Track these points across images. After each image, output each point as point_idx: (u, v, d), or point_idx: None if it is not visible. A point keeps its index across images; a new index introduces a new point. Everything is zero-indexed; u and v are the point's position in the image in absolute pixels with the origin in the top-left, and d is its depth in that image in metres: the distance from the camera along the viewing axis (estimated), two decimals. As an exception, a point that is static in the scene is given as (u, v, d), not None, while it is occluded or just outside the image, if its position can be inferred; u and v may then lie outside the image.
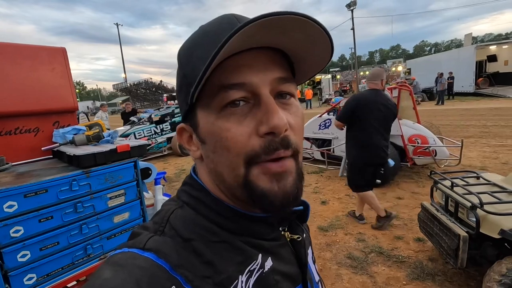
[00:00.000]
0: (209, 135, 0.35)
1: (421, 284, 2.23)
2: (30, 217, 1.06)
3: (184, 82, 0.36)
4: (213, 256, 0.34)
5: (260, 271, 0.36)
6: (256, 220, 0.38)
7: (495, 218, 1.72)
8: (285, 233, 0.42)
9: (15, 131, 1.37)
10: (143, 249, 0.32)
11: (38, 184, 1.05)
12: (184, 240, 0.34)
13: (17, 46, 1.41)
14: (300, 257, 0.43)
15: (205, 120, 0.35)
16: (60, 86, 1.50)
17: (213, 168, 0.37)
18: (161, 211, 0.39)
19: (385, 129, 3.04)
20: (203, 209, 0.37)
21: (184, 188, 0.42)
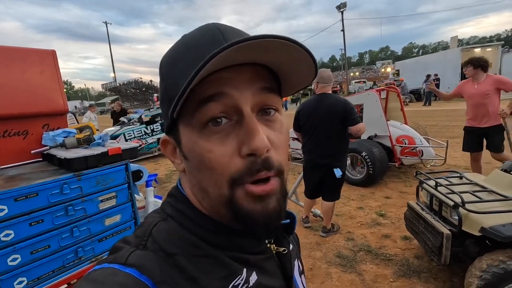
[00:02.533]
0: (191, 153, 0.34)
1: (407, 281, 2.30)
2: (21, 220, 1.05)
3: (166, 95, 0.36)
4: (196, 272, 0.33)
5: (244, 286, 0.35)
6: (241, 234, 0.37)
7: (476, 217, 1.80)
8: (271, 245, 0.41)
9: (3, 134, 1.35)
10: (124, 264, 0.31)
11: (28, 188, 1.05)
12: (167, 255, 0.33)
13: (5, 48, 1.40)
14: (285, 270, 0.42)
15: (187, 138, 0.34)
16: (50, 89, 1.49)
17: (197, 183, 0.36)
18: (144, 223, 0.38)
19: (323, 134, 2.80)
20: (187, 223, 0.36)
21: (168, 200, 0.40)
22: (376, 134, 4.66)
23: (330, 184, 2.89)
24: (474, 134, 3.71)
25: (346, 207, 3.84)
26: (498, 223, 1.70)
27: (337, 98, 2.80)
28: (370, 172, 4.26)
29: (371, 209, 3.70)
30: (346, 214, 3.64)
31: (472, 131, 3.73)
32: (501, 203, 1.84)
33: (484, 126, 3.59)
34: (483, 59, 3.62)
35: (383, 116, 4.54)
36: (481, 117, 3.58)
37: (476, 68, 3.56)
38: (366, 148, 4.29)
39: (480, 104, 3.55)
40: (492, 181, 2.12)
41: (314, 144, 2.88)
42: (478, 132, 3.67)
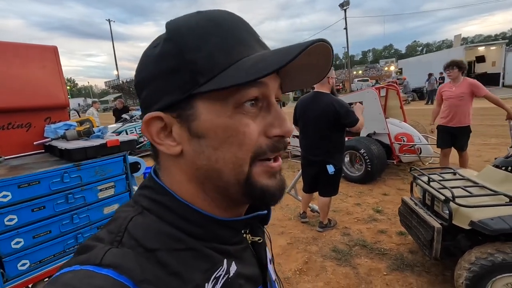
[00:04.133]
0: (216, 130, 0.33)
1: (400, 275, 2.35)
2: (24, 206, 1.12)
3: (189, 67, 0.33)
4: (179, 266, 0.32)
5: (225, 277, 0.36)
6: (223, 224, 0.37)
7: (466, 211, 1.84)
8: (247, 235, 0.42)
9: (7, 126, 1.42)
10: (99, 265, 0.28)
11: (31, 176, 1.11)
12: (147, 251, 0.31)
13: (9, 44, 1.46)
14: (260, 258, 0.43)
15: (214, 114, 0.33)
16: (51, 83, 1.55)
17: (207, 165, 0.35)
18: (116, 218, 0.35)
19: (315, 133, 2.85)
20: (167, 215, 0.35)
21: (143, 192, 0.38)
22: (375, 132, 4.69)
23: (324, 180, 2.95)
24: (446, 132, 3.96)
25: (344, 203, 3.88)
26: (487, 216, 1.73)
27: (332, 98, 2.80)
28: (368, 169, 4.30)
29: (368, 206, 3.74)
30: (344, 210, 3.68)
31: (444, 130, 3.97)
32: (490, 198, 1.88)
33: (455, 126, 3.84)
34: (464, 63, 3.86)
35: (382, 114, 4.57)
36: (453, 117, 3.83)
37: (460, 70, 3.78)
38: (364, 145, 4.32)
39: (455, 105, 3.80)
40: (484, 177, 2.15)
41: (308, 141, 2.94)
42: (450, 131, 3.92)
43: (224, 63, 0.32)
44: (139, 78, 0.37)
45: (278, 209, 3.84)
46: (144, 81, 0.36)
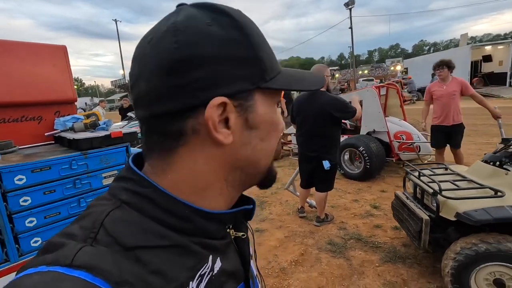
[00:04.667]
0: (266, 122, 0.37)
1: (392, 266, 2.43)
2: (36, 189, 1.24)
3: (257, 62, 0.34)
4: (162, 264, 0.30)
5: (210, 274, 0.34)
6: (212, 217, 0.36)
7: (453, 203, 1.91)
8: (230, 230, 0.41)
9: (21, 119, 1.56)
10: (70, 266, 0.25)
11: (43, 162, 1.24)
12: (126, 249, 0.28)
13: (23, 44, 1.59)
14: (244, 254, 0.43)
15: (267, 109, 0.37)
16: (61, 80, 1.69)
17: (250, 155, 0.37)
18: (90, 213, 0.32)
19: (312, 130, 2.95)
20: (150, 209, 0.32)
21: (122, 185, 0.34)
22: (375, 130, 4.75)
23: (320, 175, 3.05)
24: (440, 132, 3.99)
25: (342, 200, 3.96)
26: (471, 208, 1.81)
27: (329, 96, 2.90)
28: (367, 166, 4.36)
29: (366, 202, 3.81)
30: (341, 206, 3.77)
31: (438, 129, 4.00)
32: (476, 191, 1.95)
33: (449, 124, 3.88)
34: (452, 62, 3.91)
35: (381, 112, 4.63)
36: (447, 116, 3.88)
37: (449, 70, 3.85)
38: (364, 143, 4.39)
39: (446, 103, 3.86)
40: (473, 171, 2.22)
41: (305, 138, 3.05)
42: (444, 130, 3.95)
43: (276, 69, 0.37)
44: (198, 52, 0.31)
45: (277, 204, 3.94)
46: (205, 58, 0.31)
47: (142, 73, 0.33)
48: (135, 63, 0.35)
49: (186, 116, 0.32)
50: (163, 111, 0.32)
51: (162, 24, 0.34)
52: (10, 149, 1.38)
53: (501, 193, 1.81)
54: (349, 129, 5.58)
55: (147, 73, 0.33)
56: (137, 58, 0.35)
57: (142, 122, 0.36)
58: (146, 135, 0.36)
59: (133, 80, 0.35)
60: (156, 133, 0.34)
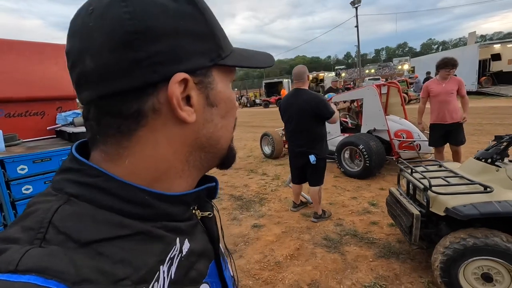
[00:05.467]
0: (225, 99, 0.37)
1: (386, 261, 2.47)
2: (37, 179, 1.33)
3: (214, 39, 0.35)
4: (126, 254, 0.28)
5: (179, 256, 0.34)
6: (173, 200, 0.34)
7: (442, 198, 1.95)
8: (196, 211, 0.41)
9: (25, 114, 1.66)
10: (15, 271, 0.22)
11: (44, 153, 1.33)
12: (82, 245, 0.26)
13: (28, 43, 1.69)
14: (212, 233, 0.43)
15: (223, 86, 0.37)
16: (63, 77, 1.78)
17: (211, 133, 0.37)
18: (33, 212, 0.28)
19: (298, 126, 3.10)
20: (104, 199, 0.29)
21: (67, 177, 0.31)
22: (375, 128, 4.77)
23: (310, 170, 3.19)
24: (438, 130, 3.97)
25: (341, 197, 4.00)
26: (460, 203, 1.84)
27: (311, 94, 3.05)
28: (367, 164, 4.38)
29: (364, 199, 3.84)
30: (339, 203, 3.80)
31: (438, 127, 3.98)
32: (467, 187, 1.98)
33: (449, 122, 3.87)
34: (456, 60, 3.89)
35: (381, 111, 4.64)
36: (445, 114, 3.86)
37: (454, 68, 3.85)
38: (363, 141, 4.41)
39: (445, 101, 3.84)
40: (465, 168, 2.24)
41: (292, 134, 3.20)
42: (442, 128, 3.93)
43: (229, 47, 0.38)
44: (147, 23, 0.29)
45: (276, 201, 4.00)
46: (159, 32, 0.29)
47: (87, 49, 0.29)
48: (75, 39, 0.30)
49: (145, 94, 0.30)
50: (118, 89, 0.29)
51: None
52: (14, 142, 1.48)
53: (490, 188, 1.84)
54: (350, 127, 5.60)
55: (94, 48, 0.29)
56: (77, 32, 0.30)
57: (89, 105, 0.32)
58: (95, 120, 0.32)
59: (74, 57, 0.31)
60: (110, 115, 0.31)
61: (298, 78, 3.07)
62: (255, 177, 5.21)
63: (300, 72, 3.05)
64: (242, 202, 4.10)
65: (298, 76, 3.06)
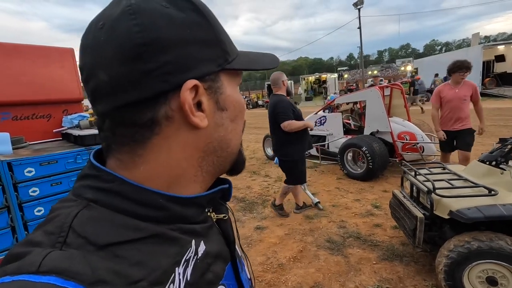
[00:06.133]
0: (234, 103, 0.39)
1: (389, 264, 2.46)
2: (44, 181, 1.35)
3: (219, 44, 0.36)
4: (142, 256, 0.29)
5: (195, 258, 0.34)
6: (187, 203, 0.35)
7: (446, 201, 1.94)
8: (211, 213, 0.42)
9: (31, 117, 1.68)
10: (37, 272, 0.24)
11: (50, 156, 1.34)
12: (100, 248, 0.27)
13: (34, 47, 1.72)
14: (227, 235, 0.43)
15: (232, 90, 0.38)
16: (68, 80, 1.81)
17: (222, 137, 0.38)
18: (55, 217, 0.30)
19: (270, 130, 3.29)
20: (120, 203, 0.31)
21: (86, 183, 0.33)
22: (378, 130, 4.76)
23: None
24: (448, 136, 3.80)
25: (344, 199, 3.99)
26: (464, 206, 1.83)
27: (274, 100, 3.15)
28: (370, 166, 4.37)
29: (367, 201, 3.83)
30: (343, 205, 3.79)
31: (446, 133, 3.81)
32: (471, 190, 1.97)
33: (458, 129, 3.71)
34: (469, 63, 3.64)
35: (384, 113, 4.63)
36: (456, 120, 3.70)
37: (468, 72, 3.62)
38: (366, 143, 4.40)
39: (458, 107, 3.66)
40: (469, 171, 2.24)
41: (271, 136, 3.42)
42: (452, 134, 3.78)
43: (235, 51, 0.38)
44: (155, 35, 0.30)
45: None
46: (169, 42, 0.31)
47: (99, 63, 0.30)
48: (87, 53, 0.32)
49: (157, 103, 0.31)
50: (131, 100, 0.30)
51: (113, 8, 0.31)
52: (21, 145, 1.50)
53: (494, 191, 1.83)
54: (353, 129, 5.60)
55: (106, 62, 0.30)
56: (89, 47, 0.32)
57: (103, 116, 0.33)
58: (110, 130, 0.33)
59: (88, 72, 0.32)
60: (124, 125, 0.32)
61: (274, 84, 3.19)
62: (257, 179, 5.21)
63: (275, 78, 3.18)
64: (245, 204, 4.11)
65: (273, 82, 3.18)
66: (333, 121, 5.49)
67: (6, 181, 1.21)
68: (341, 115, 5.50)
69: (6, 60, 1.55)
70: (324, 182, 4.76)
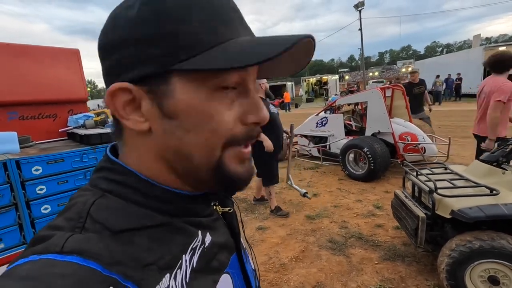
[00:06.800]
0: (190, 112, 0.31)
1: (391, 264, 2.47)
2: (51, 179, 1.37)
3: (169, 40, 0.30)
4: (152, 242, 0.31)
5: (201, 247, 0.36)
6: (192, 199, 0.37)
7: (448, 201, 1.95)
8: (217, 207, 0.44)
9: (38, 116, 1.72)
10: (61, 252, 0.26)
11: (57, 155, 1.37)
12: (115, 233, 0.29)
13: (40, 48, 1.75)
14: (232, 227, 0.45)
15: (190, 95, 0.31)
16: (74, 81, 1.84)
17: (177, 147, 0.33)
18: (74, 204, 0.32)
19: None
20: (132, 195, 0.33)
21: (102, 175, 0.35)
22: (380, 131, 4.77)
23: None
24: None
25: (345, 200, 4.00)
26: (466, 206, 1.84)
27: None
28: (372, 167, 4.38)
29: (369, 202, 3.83)
30: (344, 205, 3.80)
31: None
32: (472, 189, 1.98)
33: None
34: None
35: (386, 114, 4.65)
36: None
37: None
38: (368, 144, 4.41)
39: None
40: (471, 171, 2.24)
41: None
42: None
43: (208, 42, 0.30)
44: (106, 41, 0.32)
45: (281, 203, 4.01)
46: (111, 46, 0.32)
47: None
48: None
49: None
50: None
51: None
52: (28, 144, 1.53)
53: (496, 191, 1.84)
54: (354, 130, 5.61)
55: None
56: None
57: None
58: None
59: None
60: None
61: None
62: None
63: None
64: (247, 204, 4.12)
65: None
66: (334, 122, 5.50)
67: (14, 179, 1.23)
68: (342, 116, 5.51)
69: (14, 61, 1.58)
70: (325, 182, 4.78)
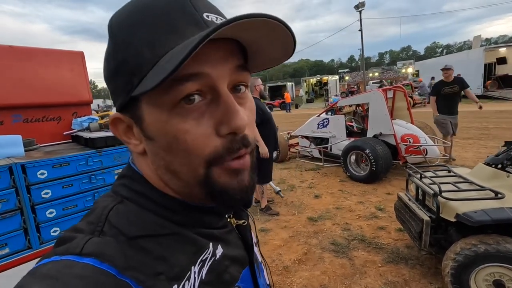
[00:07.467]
0: (160, 134, 0.31)
1: (394, 267, 2.46)
2: (56, 183, 1.37)
3: (123, 68, 0.31)
4: (164, 251, 0.32)
5: (212, 260, 0.36)
6: (205, 211, 0.37)
7: (453, 204, 1.94)
8: (231, 219, 0.43)
9: (42, 119, 1.71)
10: (80, 254, 0.28)
11: (62, 158, 1.36)
12: (130, 239, 0.30)
13: (44, 50, 1.74)
14: (246, 240, 0.44)
15: (154, 117, 0.31)
16: (78, 83, 1.83)
17: (164, 165, 0.34)
18: (95, 209, 0.34)
19: None
20: (147, 204, 0.34)
21: (122, 182, 0.37)
22: (381, 133, 4.76)
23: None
24: None
25: (347, 201, 3.99)
26: (471, 209, 1.84)
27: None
28: (373, 169, 4.37)
29: (371, 204, 3.83)
30: (346, 207, 3.80)
31: None
32: (476, 193, 1.98)
33: None
34: None
35: (387, 115, 4.64)
36: None
37: None
38: (369, 145, 4.41)
39: None
40: (475, 174, 2.24)
41: None
42: None
43: (151, 60, 0.29)
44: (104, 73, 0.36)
45: (283, 205, 4.01)
46: (105, 80, 0.35)
47: None
48: None
49: None
50: None
51: None
52: (33, 147, 1.52)
53: (501, 195, 1.84)
54: (356, 131, 5.61)
55: None
56: None
57: None
58: None
59: None
60: None
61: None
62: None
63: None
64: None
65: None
66: (336, 123, 5.50)
67: (19, 183, 1.23)
68: (344, 118, 5.51)
69: (19, 63, 1.57)
70: (327, 184, 4.77)
